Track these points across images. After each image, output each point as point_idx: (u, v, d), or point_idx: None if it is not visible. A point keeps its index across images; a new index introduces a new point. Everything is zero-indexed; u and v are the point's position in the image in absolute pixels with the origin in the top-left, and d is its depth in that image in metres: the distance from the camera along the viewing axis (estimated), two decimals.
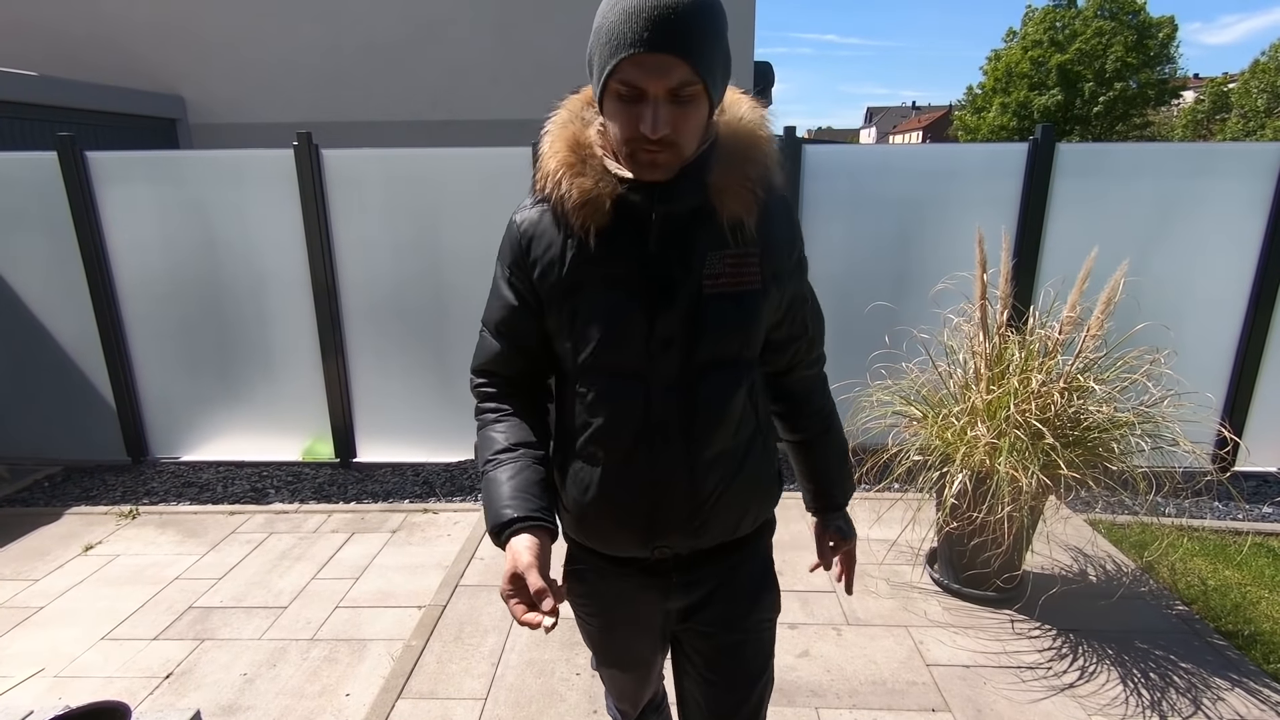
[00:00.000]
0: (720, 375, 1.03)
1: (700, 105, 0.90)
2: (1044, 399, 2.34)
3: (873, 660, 2.34)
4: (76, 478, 3.94)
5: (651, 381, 1.01)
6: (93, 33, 6.83)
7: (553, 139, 1.01)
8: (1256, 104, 28.05)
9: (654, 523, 1.05)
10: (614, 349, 1.00)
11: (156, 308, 3.87)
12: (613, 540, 1.09)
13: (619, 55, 0.86)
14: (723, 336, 1.01)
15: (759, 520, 1.16)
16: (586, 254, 0.99)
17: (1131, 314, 2.77)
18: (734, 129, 1.01)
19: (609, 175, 0.97)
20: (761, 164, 1.00)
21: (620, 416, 1.02)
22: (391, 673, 2.30)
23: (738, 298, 1.00)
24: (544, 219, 1.02)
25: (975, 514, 2.37)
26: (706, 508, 1.05)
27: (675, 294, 0.98)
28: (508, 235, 1.06)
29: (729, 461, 1.06)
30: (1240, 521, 3.29)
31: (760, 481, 1.11)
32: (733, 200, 0.98)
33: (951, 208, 3.60)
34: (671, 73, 0.85)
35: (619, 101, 0.90)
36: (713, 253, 0.99)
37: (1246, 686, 2.20)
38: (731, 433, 1.06)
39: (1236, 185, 3.47)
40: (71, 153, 3.62)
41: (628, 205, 0.97)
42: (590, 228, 0.97)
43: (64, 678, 2.31)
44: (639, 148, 0.90)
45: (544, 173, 1.00)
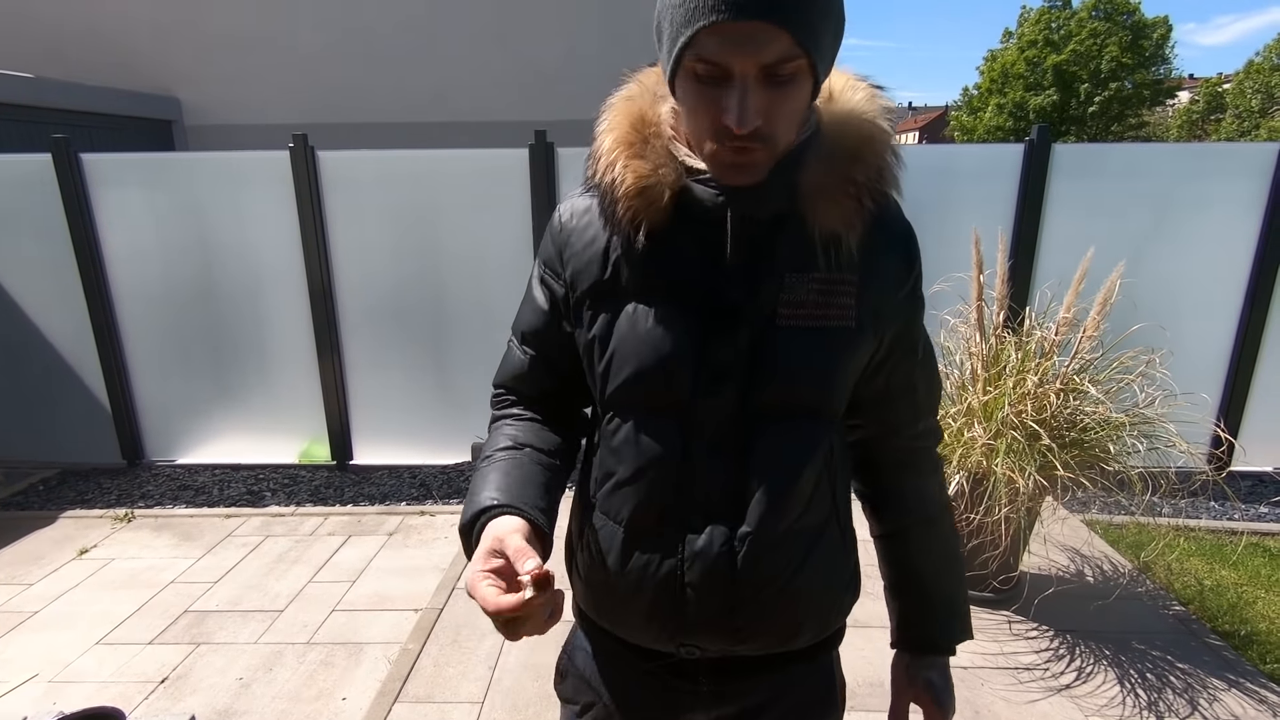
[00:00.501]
0: (786, 432, 0.80)
1: (803, 86, 0.69)
2: (1040, 400, 2.34)
3: (870, 661, 2.34)
4: (71, 481, 3.92)
5: (694, 427, 0.79)
6: (88, 34, 6.81)
7: (614, 113, 0.81)
8: (1251, 104, 28.17)
9: (683, 613, 0.82)
10: (650, 377, 0.79)
11: (152, 310, 3.86)
12: (629, 625, 0.87)
13: (697, 23, 0.65)
14: (795, 381, 0.78)
15: (824, 632, 0.88)
16: (633, 256, 0.80)
17: (1127, 315, 2.77)
18: (842, 119, 0.79)
19: (673, 161, 0.78)
20: (874, 166, 0.78)
21: (650, 467, 0.81)
22: (388, 676, 2.30)
23: (821, 334, 0.78)
24: (592, 210, 0.83)
25: (973, 515, 2.37)
26: (755, 605, 0.81)
27: (738, 318, 0.78)
28: (548, 227, 0.89)
29: (790, 548, 0.82)
30: (1236, 521, 3.30)
31: (832, 581, 0.86)
32: (829, 209, 0.76)
33: (948, 208, 3.61)
34: (767, 45, 0.64)
35: (696, 84, 0.69)
36: (794, 274, 0.78)
37: (1243, 687, 2.20)
38: (797, 511, 0.81)
39: (1231, 185, 3.49)
40: (66, 155, 3.60)
41: (693, 202, 0.77)
42: (641, 223, 0.78)
43: (59, 682, 2.30)
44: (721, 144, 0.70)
45: (596, 152, 0.82)
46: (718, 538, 0.80)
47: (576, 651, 0.96)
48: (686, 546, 0.81)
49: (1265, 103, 27.90)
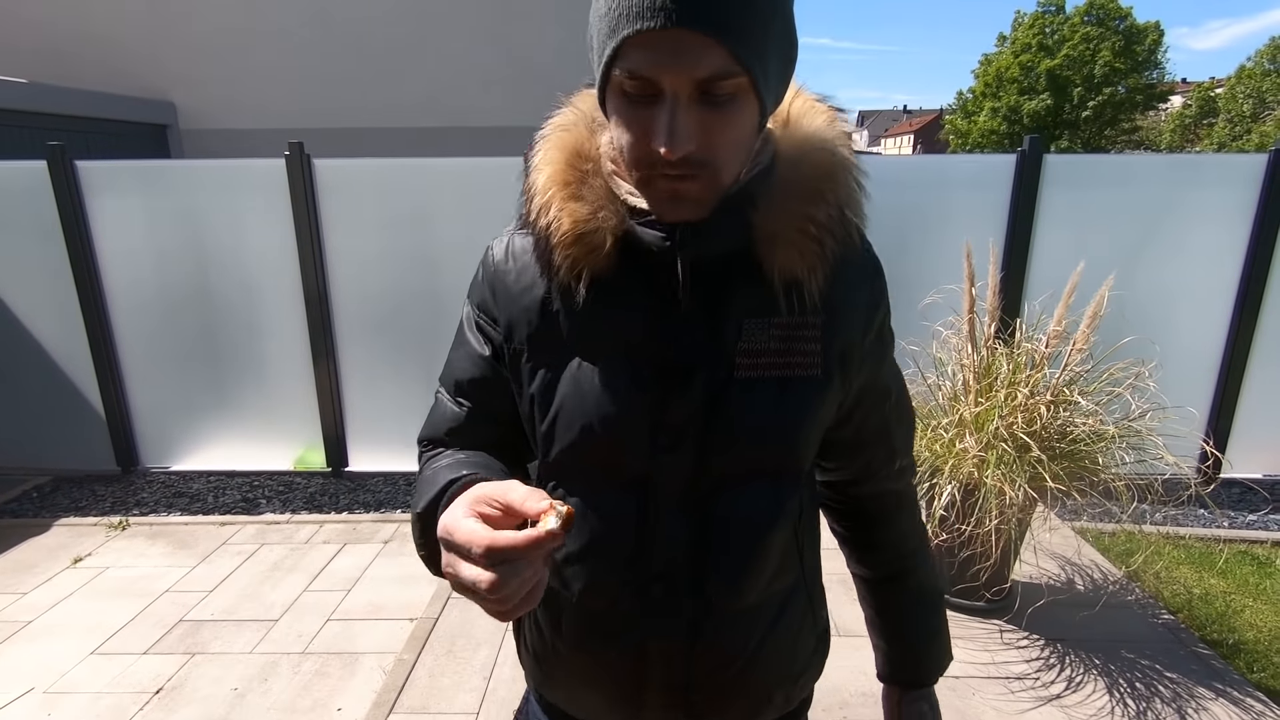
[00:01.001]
0: (750, 495, 0.74)
1: (745, 109, 0.62)
2: (1031, 412, 2.37)
3: (863, 671, 2.35)
4: (65, 488, 3.91)
5: (650, 494, 0.73)
6: (82, 39, 6.80)
7: (548, 146, 0.73)
8: (1242, 109, 28.40)
9: (640, 692, 0.77)
10: (600, 443, 0.72)
11: (147, 316, 3.85)
12: (582, 703, 0.82)
13: (621, 32, 0.58)
14: (757, 441, 0.72)
15: (792, 702, 0.85)
16: (575, 307, 0.72)
17: (1118, 326, 2.80)
18: (799, 149, 0.71)
19: (615, 202, 0.70)
20: (836, 205, 0.71)
21: (602, 539, 0.75)
22: (383, 686, 2.30)
23: (784, 386, 0.72)
24: (526, 251, 0.75)
25: (964, 526, 2.40)
26: (718, 683, 0.77)
27: (694, 372, 0.71)
28: (481, 266, 0.81)
29: (756, 620, 0.77)
30: (1224, 529, 3.33)
31: (798, 652, 0.82)
32: (789, 251, 0.69)
33: (941, 219, 3.63)
34: (700, 58, 0.58)
35: (625, 103, 0.63)
36: (752, 320, 0.71)
37: (1230, 696, 2.23)
38: (765, 579, 0.76)
39: (1221, 196, 3.52)
40: (61, 162, 3.60)
41: (638, 246, 0.70)
42: (583, 271, 0.70)
43: (53, 694, 2.30)
44: (654, 173, 0.63)
45: (529, 191, 0.74)
46: (676, 615, 0.75)
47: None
48: (644, 621, 0.75)
49: (1257, 107, 28.13)
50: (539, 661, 0.84)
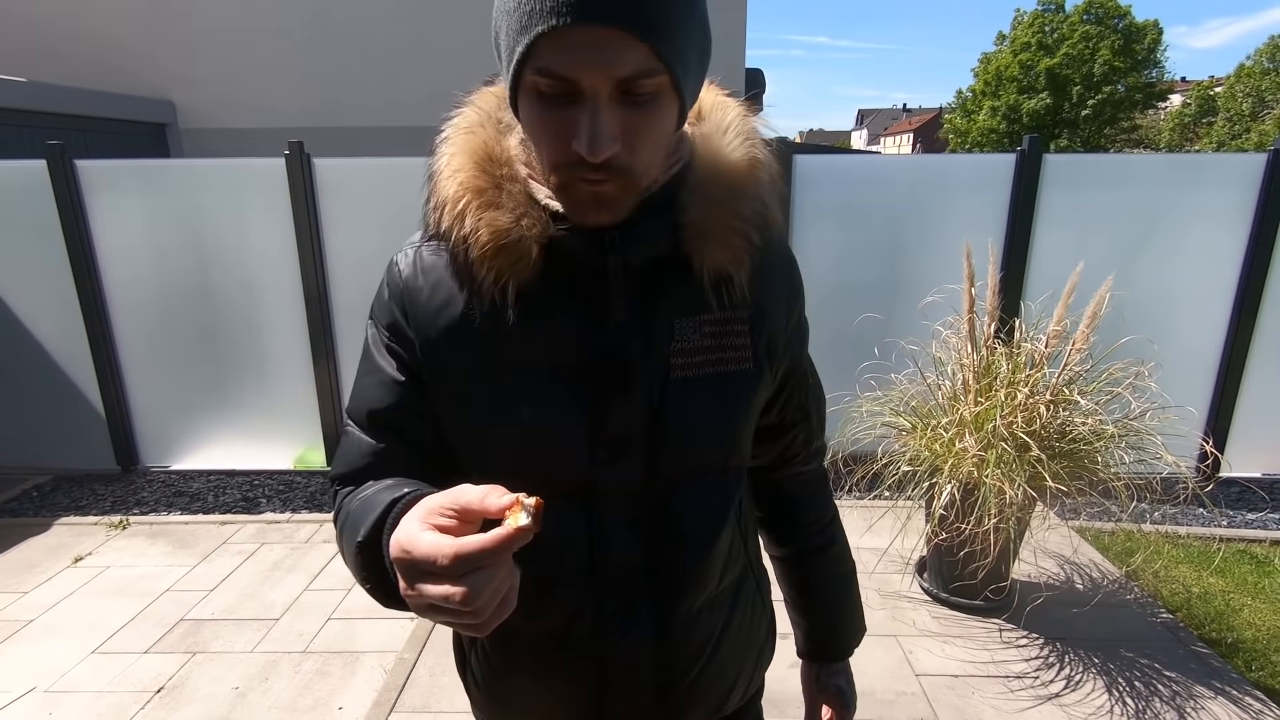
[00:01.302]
0: (700, 494, 0.74)
1: (666, 108, 0.61)
2: (1030, 411, 2.37)
3: (862, 670, 2.34)
4: (66, 487, 3.91)
5: (600, 507, 0.71)
6: (82, 37, 6.79)
7: (453, 151, 0.69)
8: (1242, 108, 28.42)
9: (607, 711, 0.76)
10: (544, 458, 0.70)
11: (147, 316, 3.85)
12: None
13: (535, 28, 0.55)
14: (699, 438, 0.72)
15: (753, 688, 0.88)
16: (502, 322, 0.68)
17: (1117, 326, 2.80)
18: (718, 146, 0.71)
19: (536, 208, 0.67)
20: (757, 198, 0.71)
21: (554, 563, 0.71)
22: (384, 686, 2.31)
23: (720, 382, 0.72)
24: (438, 266, 0.71)
25: (964, 525, 2.40)
26: (683, 684, 0.77)
27: (631, 380, 0.69)
28: (386, 284, 0.75)
29: (713, 616, 0.78)
30: (1223, 528, 3.34)
31: (754, 637, 0.85)
32: (716, 249, 0.69)
33: (941, 218, 3.64)
34: (621, 56, 0.55)
35: (540, 104, 0.59)
36: (684, 319, 0.70)
37: (1229, 695, 2.24)
38: (717, 574, 0.77)
39: (1220, 196, 3.53)
40: (61, 161, 3.60)
41: (564, 251, 0.67)
42: (508, 285, 0.67)
43: (54, 693, 2.31)
44: (573, 176, 0.61)
45: (439, 200, 0.69)
46: (639, 626, 0.74)
47: None
48: (605, 643, 0.74)
49: (1256, 106, 28.15)
50: (489, 694, 0.81)
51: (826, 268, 3.74)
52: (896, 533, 2.84)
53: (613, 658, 0.74)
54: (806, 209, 3.68)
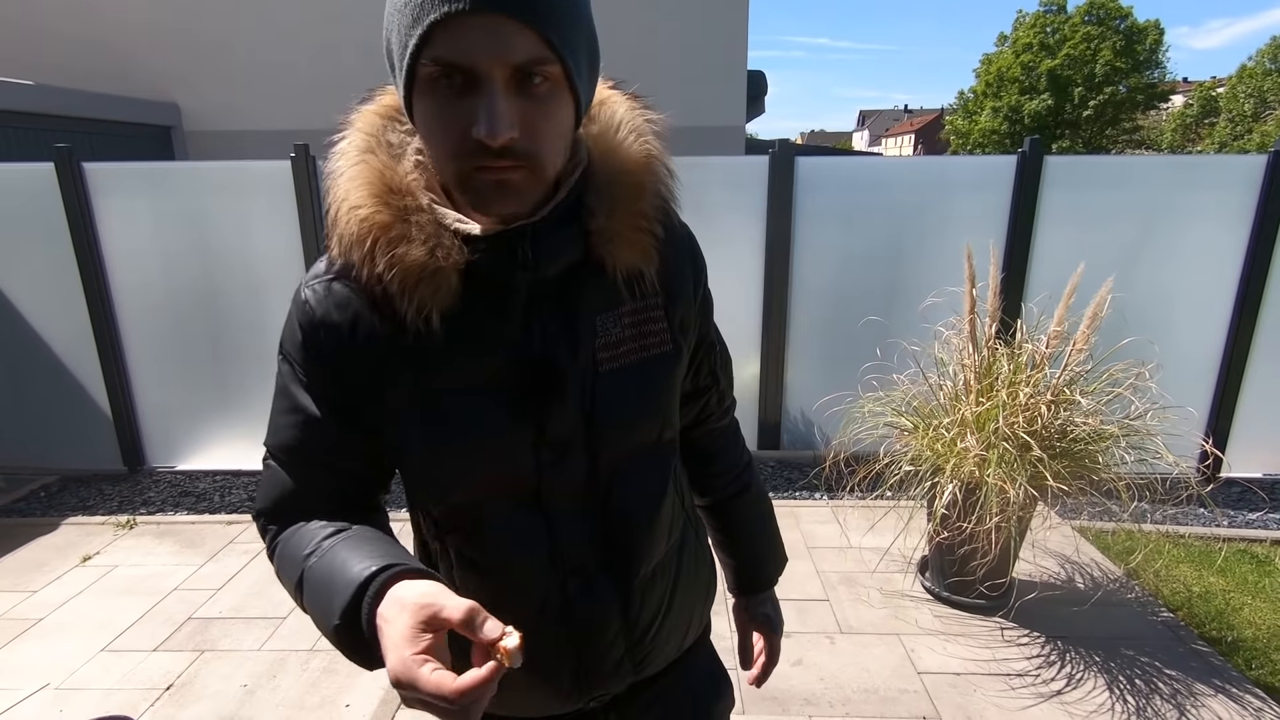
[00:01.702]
0: (641, 472, 0.80)
1: (560, 99, 0.63)
2: (1031, 411, 2.39)
3: (865, 668, 2.38)
4: (73, 487, 3.94)
5: (552, 505, 0.76)
6: (86, 40, 6.82)
7: (348, 185, 0.68)
8: (1244, 108, 28.41)
9: (587, 676, 0.82)
10: (491, 473, 0.73)
11: (153, 317, 3.88)
12: (534, 706, 0.85)
13: (428, 17, 0.57)
14: (635, 422, 0.77)
15: (704, 623, 0.97)
16: (429, 349, 0.69)
17: (1118, 327, 2.82)
18: (613, 146, 0.73)
19: (447, 235, 0.67)
20: (656, 194, 0.74)
21: (518, 565, 0.76)
22: None
23: (644, 367, 0.77)
24: (352, 301, 0.70)
25: (965, 524, 2.42)
26: (648, 640, 0.84)
27: (564, 383, 0.72)
28: (294, 320, 0.74)
29: (664, 576, 0.85)
30: (1224, 528, 3.35)
31: (699, 583, 0.92)
32: (627, 250, 0.72)
33: (942, 220, 3.66)
34: (513, 42, 0.57)
35: (437, 97, 0.60)
36: (604, 315, 0.74)
37: (1229, 693, 2.25)
38: (664, 539, 0.83)
39: (1221, 197, 3.54)
40: (69, 164, 3.63)
41: (481, 274, 0.68)
42: (431, 313, 0.67)
43: (64, 690, 2.33)
44: (475, 166, 0.61)
45: (342, 237, 0.68)
46: (603, 599, 0.79)
47: None
48: (575, 621, 0.79)
49: (1258, 107, 28.14)
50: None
51: (829, 270, 3.76)
52: (899, 532, 2.87)
53: (583, 632, 0.79)
54: (808, 211, 3.70)
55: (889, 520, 3.11)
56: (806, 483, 3.72)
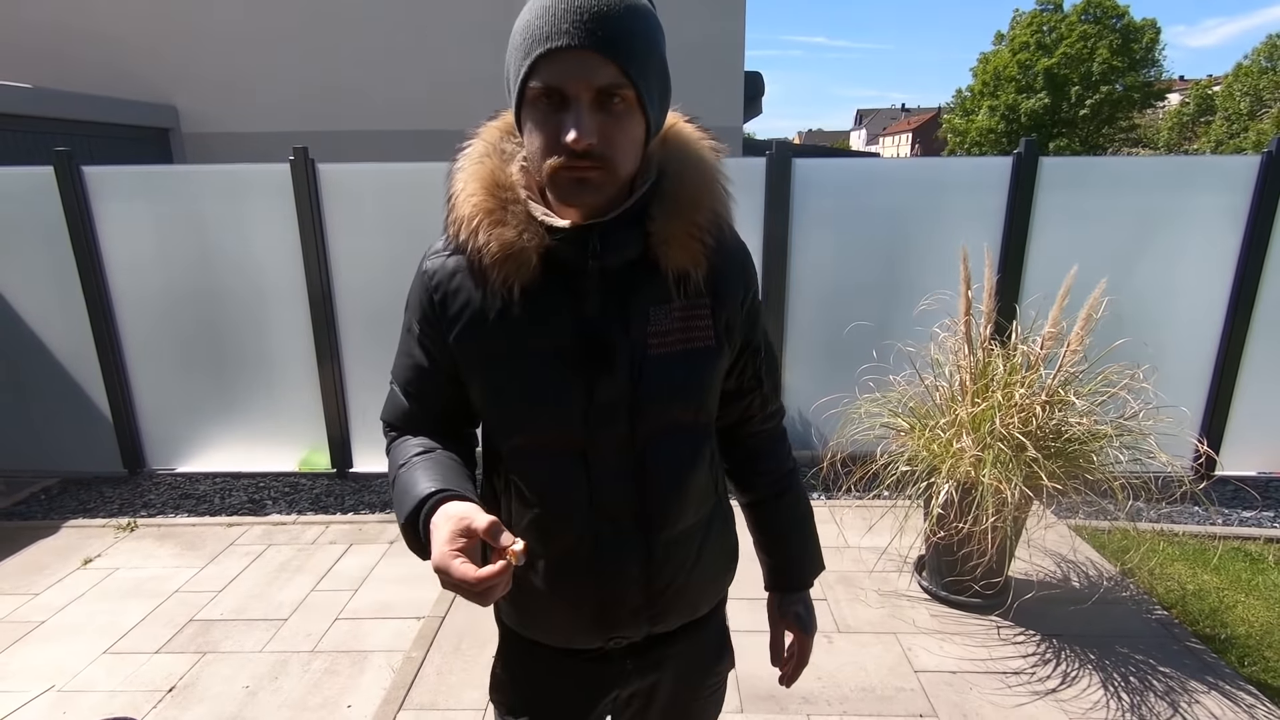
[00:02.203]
0: (674, 445, 0.91)
1: (633, 119, 0.78)
2: (1026, 412, 2.41)
3: (863, 667, 2.40)
4: (73, 490, 3.95)
5: (595, 459, 0.88)
6: (85, 42, 6.82)
7: (466, 177, 0.87)
8: (1240, 107, 28.47)
9: (607, 615, 0.94)
10: (547, 424, 0.88)
11: (153, 320, 3.89)
12: (560, 634, 0.98)
13: (535, 51, 0.75)
14: (672, 402, 0.89)
15: (717, 599, 1.07)
16: (510, 315, 0.86)
17: (1113, 327, 2.84)
18: (679, 166, 0.88)
19: (534, 224, 0.84)
20: (710, 208, 0.88)
21: (561, 503, 0.90)
22: (392, 684, 2.35)
23: (687, 356, 0.89)
24: (459, 271, 0.88)
25: (961, 524, 2.44)
26: (665, 597, 0.95)
27: (615, 356, 0.86)
28: (417, 283, 0.92)
29: (688, 543, 0.96)
30: (1219, 526, 3.38)
31: (722, 559, 1.04)
32: (678, 251, 0.86)
33: (938, 221, 3.68)
34: (597, 71, 0.74)
35: (538, 111, 0.78)
36: (656, 308, 0.87)
37: (1222, 690, 2.28)
38: (692, 510, 0.95)
39: (1215, 198, 3.57)
40: (68, 168, 3.64)
41: (558, 258, 0.84)
42: (514, 285, 0.84)
43: (67, 692, 2.35)
44: (562, 166, 0.77)
45: (456, 218, 0.86)
46: (629, 548, 0.91)
47: (509, 660, 1.06)
48: (603, 561, 0.91)
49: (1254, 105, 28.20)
50: (519, 607, 0.99)
51: (825, 271, 3.78)
52: (895, 532, 2.89)
53: (608, 574, 0.92)
54: (805, 212, 3.72)
55: (886, 520, 3.14)
56: (804, 483, 3.73)
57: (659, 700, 1.06)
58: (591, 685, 1.01)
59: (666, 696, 1.06)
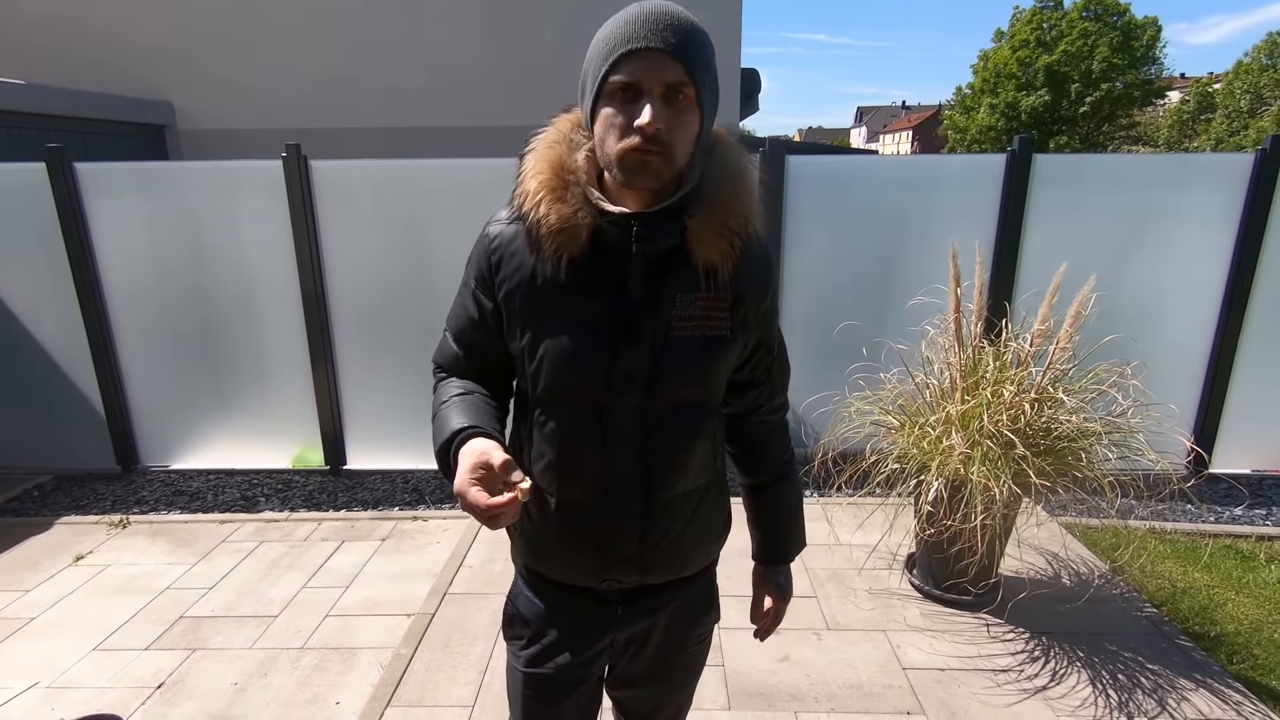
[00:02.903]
0: (680, 419, 1.03)
1: (692, 114, 0.91)
2: (1015, 410, 2.41)
3: (851, 664, 2.40)
4: (66, 487, 3.95)
5: (610, 419, 1.00)
6: (80, 38, 6.81)
7: (537, 158, 1.00)
8: (1240, 104, 28.42)
9: (604, 558, 1.06)
10: (574, 381, 0.99)
11: (146, 316, 3.89)
12: (564, 569, 1.11)
13: (618, 51, 0.89)
14: (684, 379, 1.01)
15: (706, 562, 1.18)
16: (557, 281, 0.98)
17: (1106, 325, 2.84)
18: (719, 173, 1.00)
19: (589, 205, 0.97)
20: (742, 214, 1.00)
21: (575, 449, 1.02)
22: (381, 681, 2.35)
23: (703, 342, 1.01)
24: (518, 238, 1.01)
25: (951, 521, 2.44)
26: (657, 551, 1.07)
27: (641, 332, 0.98)
28: (479, 245, 1.06)
29: (683, 507, 1.07)
30: (1209, 524, 3.38)
31: (711, 528, 1.15)
32: (709, 247, 0.98)
33: (931, 218, 3.67)
34: (666, 69, 0.88)
35: (614, 103, 0.90)
36: (683, 294, 0.99)
37: (1210, 687, 2.28)
38: (690, 478, 1.07)
39: (1208, 195, 3.56)
40: (60, 164, 3.63)
41: (604, 238, 0.97)
42: (564, 256, 0.97)
43: (56, 689, 2.35)
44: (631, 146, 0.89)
45: (523, 191, 0.99)
46: (630, 502, 1.03)
47: (519, 598, 1.19)
48: (606, 510, 1.03)
49: (1254, 103, 28.15)
50: (530, 543, 1.12)
51: (818, 269, 3.77)
52: (885, 530, 2.89)
53: (609, 522, 1.04)
54: (798, 210, 3.71)
55: (877, 518, 3.14)
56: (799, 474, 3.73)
57: (651, 644, 1.18)
58: (588, 625, 1.13)
59: (659, 640, 1.18)
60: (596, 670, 1.19)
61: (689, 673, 1.26)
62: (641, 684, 1.23)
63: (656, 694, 1.25)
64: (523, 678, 1.16)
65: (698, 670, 1.28)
